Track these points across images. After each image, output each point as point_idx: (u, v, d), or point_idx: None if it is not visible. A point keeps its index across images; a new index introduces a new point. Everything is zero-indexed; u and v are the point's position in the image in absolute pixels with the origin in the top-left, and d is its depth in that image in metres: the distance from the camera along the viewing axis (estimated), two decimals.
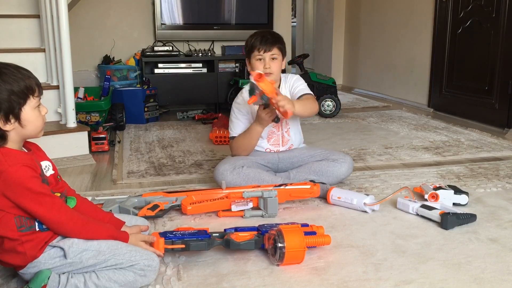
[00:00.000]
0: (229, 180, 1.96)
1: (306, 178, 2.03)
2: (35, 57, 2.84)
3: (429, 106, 4.23)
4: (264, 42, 2.05)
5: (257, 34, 2.09)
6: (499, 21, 3.41)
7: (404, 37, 4.61)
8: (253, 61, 2.08)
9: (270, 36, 2.08)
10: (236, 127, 2.15)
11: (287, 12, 4.94)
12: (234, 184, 1.96)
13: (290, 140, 2.20)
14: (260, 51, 2.05)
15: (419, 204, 1.80)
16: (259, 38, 2.05)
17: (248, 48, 2.10)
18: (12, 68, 1.21)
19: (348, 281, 1.33)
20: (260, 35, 2.07)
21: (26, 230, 1.22)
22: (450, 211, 1.71)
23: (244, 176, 1.99)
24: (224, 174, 1.98)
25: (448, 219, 1.66)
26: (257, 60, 2.06)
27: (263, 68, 2.04)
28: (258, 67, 2.05)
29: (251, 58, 2.08)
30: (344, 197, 1.86)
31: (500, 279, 1.34)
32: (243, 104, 2.13)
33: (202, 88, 4.18)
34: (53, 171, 1.33)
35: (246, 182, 1.97)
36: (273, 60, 2.07)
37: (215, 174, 2.04)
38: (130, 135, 3.30)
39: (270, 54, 2.05)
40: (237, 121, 2.15)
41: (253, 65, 2.08)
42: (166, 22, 4.34)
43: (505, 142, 2.98)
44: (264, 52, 2.05)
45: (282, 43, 2.12)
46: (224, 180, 1.94)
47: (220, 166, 2.03)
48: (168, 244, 1.38)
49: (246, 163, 2.05)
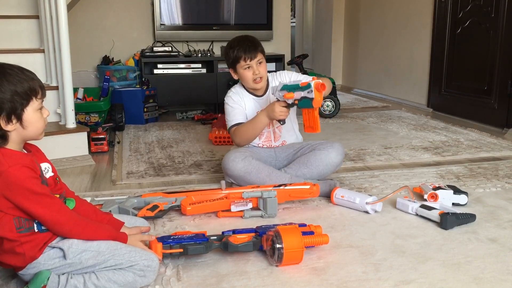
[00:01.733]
0: (240, 167, 1.97)
1: (299, 173, 2.03)
2: (34, 57, 2.84)
3: (429, 106, 4.24)
4: (248, 50, 2.05)
5: (236, 44, 2.09)
6: (498, 21, 3.41)
7: (403, 37, 4.62)
8: (240, 70, 2.09)
9: (250, 43, 2.08)
10: (235, 114, 2.14)
11: (286, 12, 4.94)
12: (245, 171, 1.97)
13: (281, 137, 2.21)
14: (246, 61, 2.06)
15: (418, 204, 1.80)
16: (242, 49, 2.06)
17: (232, 60, 2.09)
18: (16, 69, 1.22)
19: (347, 281, 1.33)
20: (241, 45, 2.07)
21: (25, 231, 1.22)
22: (450, 211, 1.71)
23: (255, 165, 1.99)
24: (236, 161, 1.99)
25: (447, 219, 1.66)
26: (245, 69, 2.08)
27: (252, 75, 2.06)
28: (247, 76, 2.08)
29: (237, 68, 2.10)
30: (348, 196, 1.87)
31: (500, 279, 1.34)
32: (238, 98, 2.15)
33: (201, 88, 4.18)
34: (53, 173, 1.33)
35: (256, 170, 1.97)
36: (260, 65, 2.09)
37: (225, 161, 2.03)
38: (130, 136, 3.30)
39: (256, 60, 2.07)
40: (234, 109, 2.14)
41: (241, 75, 2.10)
42: (165, 23, 4.34)
43: (504, 142, 2.98)
44: (251, 60, 2.06)
45: (261, 45, 2.13)
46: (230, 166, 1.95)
47: (231, 153, 2.04)
48: (166, 249, 1.38)
49: (253, 155, 2.06)
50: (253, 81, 2.09)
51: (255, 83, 2.10)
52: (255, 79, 2.09)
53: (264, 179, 1.97)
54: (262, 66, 2.09)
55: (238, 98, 2.16)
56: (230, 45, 2.12)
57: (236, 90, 2.20)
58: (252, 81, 2.09)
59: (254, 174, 1.97)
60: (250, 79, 2.09)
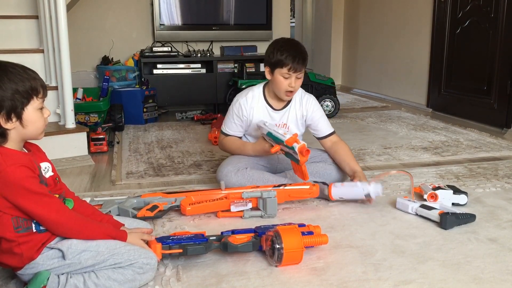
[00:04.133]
0: (233, 181, 1.95)
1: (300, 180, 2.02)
2: (33, 57, 2.84)
3: (428, 106, 4.24)
4: (296, 63, 1.96)
5: (288, 49, 1.97)
6: (497, 21, 3.41)
7: (402, 37, 4.62)
8: (277, 75, 1.99)
9: (301, 56, 1.98)
10: (230, 127, 2.13)
11: (285, 13, 4.94)
12: (239, 185, 1.95)
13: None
14: (290, 70, 1.97)
15: (418, 204, 1.80)
16: (291, 58, 1.95)
17: (275, 61, 1.98)
18: (19, 68, 1.22)
19: (347, 282, 1.33)
20: (292, 54, 1.96)
21: (23, 231, 1.21)
22: (450, 211, 1.71)
23: (248, 177, 1.97)
24: (229, 176, 1.97)
25: (447, 219, 1.66)
26: (283, 76, 1.99)
27: (287, 86, 1.99)
28: (283, 84, 1.99)
29: (276, 71, 1.99)
30: (348, 183, 1.90)
31: (499, 279, 1.34)
32: (249, 106, 2.08)
33: (201, 88, 4.18)
34: (52, 172, 1.33)
35: (251, 183, 1.95)
36: (298, 80, 2.01)
37: (218, 175, 2.03)
38: (129, 136, 3.29)
39: (298, 74, 1.99)
40: (233, 123, 2.12)
41: (276, 80, 2.00)
42: (164, 23, 4.34)
43: (504, 142, 2.98)
44: (294, 72, 1.97)
45: (307, 60, 2.05)
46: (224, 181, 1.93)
47: (224, 167, 2.02)
48: (165, 250, 1.38)
49: (248, 164, 2.05)
50: (285, 92, 2.02)
51: (285, 95, 2.04)
52: (287, 91, 2.01)
53: None
54: (299, 81, 2.01)
55: (248, 107, 2.08)
56: (280, 46, 2.00)
57: (254, 95, 2.10)
58: (284, 91, 2.01)
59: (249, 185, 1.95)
60: (283, 89, 2.00)
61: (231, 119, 2.13)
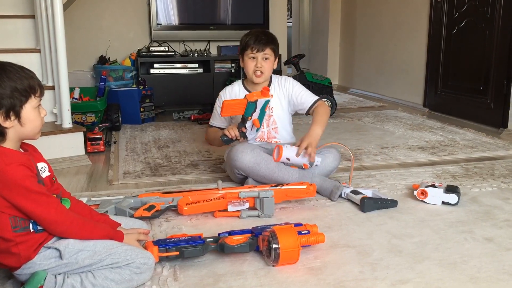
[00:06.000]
0: (249, 157, 1.98)
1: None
2: (30, 57, 2.83)
3: (425, 106, 4.25)
4: (258, 41, 2.09)
5: (251, 33, 2.14)
6: (494, 21, 3.42)
7: (399, 37, 4.63)
8: (245, 59, 2.13)
9: (264, 36, 2.12)
10: (214, 119, 2.28)
11: (282, 12, 4.94)
12: (255, 161, 1.97)
13: (276, 138, 2.21)
14: (253, 50, 2.10)
15: (350, 190, 1.93)
16: (253, 38, 2.10)
17: (242, 46, 2.14)
18: (16, 67, 1.24)
19: (344, 281, 1.33)
20: (255, 34, 2.12)
21: (21, 231, 1.21)
22: (373, 196, 1.86)
23: (264, 156, 2.00)
24: (245, 152, 1.99)
25: (365, 202, 1.81)
26: (250, 58, 2.12)
27: (254, 67, 2.10)
28: (250, 65, 2.11)
29: (244, 56, 2.14)
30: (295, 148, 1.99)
31: (496, 278, 1.34)
32: (231, 94, 2.22)
33: (198, 88, 4.18)
34: (49, 172, 1.33)
35: (265, 161, 1.98)
36: (265, 60, 2.12)
37: (233, 153, 2.01)
38: (126, 136, 3.29)
39: (263, 54, 2.10)
40: (216, 115, 2.26)
41: (245, 63, 2.14)
42: (161, 22, 4.33)
43: (500, 142, 2.99)
44: (257, 52, 2.10)
45: (276, 44, 2.16)
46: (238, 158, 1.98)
47: (239, 146, 2.03)
48: (162, 252, 1.38)
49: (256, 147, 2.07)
50: (253, 73, 2.12)
51: (254, 76, 2.12)
52: (255, 71, 2.11)
53: (274, 169, 1.98)
54: (268, 63, 2.12)
55: (228, 97, 2.20)
56: (247, 33, 2.16)
57: (234, 86, 2.25)
58: (252, 72, 2.12)
59: (264, 164, 1.98)
60: (251, 70, 2.12)
61: (214, 111, 2.25)
